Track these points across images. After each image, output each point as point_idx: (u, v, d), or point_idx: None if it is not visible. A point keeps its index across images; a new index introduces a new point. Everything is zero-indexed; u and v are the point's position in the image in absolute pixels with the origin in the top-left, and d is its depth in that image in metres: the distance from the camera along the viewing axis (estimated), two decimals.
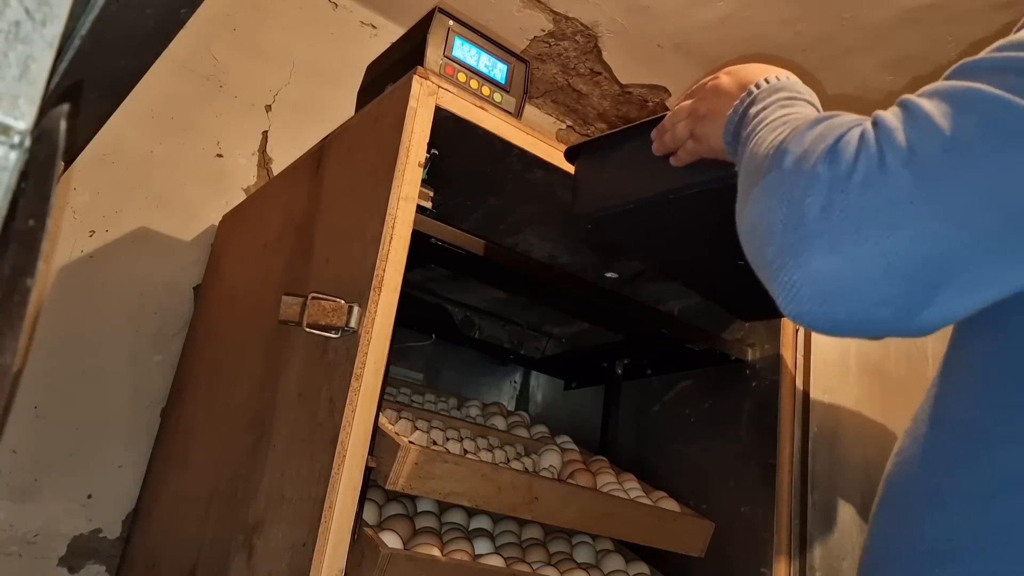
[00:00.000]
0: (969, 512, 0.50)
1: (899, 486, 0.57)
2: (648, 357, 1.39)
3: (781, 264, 0.46)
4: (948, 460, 0.53)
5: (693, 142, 0.74)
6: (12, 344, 0.30)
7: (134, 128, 1.48)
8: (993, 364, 0.52)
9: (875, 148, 0.44)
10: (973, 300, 0.45)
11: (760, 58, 1.74)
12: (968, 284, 0.43)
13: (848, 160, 0.45)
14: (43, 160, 0.32)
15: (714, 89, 0.70)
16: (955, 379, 0.56)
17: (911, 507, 0.54)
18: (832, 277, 0.44)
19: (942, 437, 0.54)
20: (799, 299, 0.45)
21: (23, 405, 1.31)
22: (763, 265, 0.48)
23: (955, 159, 0.42)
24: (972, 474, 0.51)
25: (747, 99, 0.62)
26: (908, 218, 0.42)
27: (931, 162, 0.42)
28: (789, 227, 0.45)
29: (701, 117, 0.71)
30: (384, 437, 0.89)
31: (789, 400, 1.15)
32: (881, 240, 0.42)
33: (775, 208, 0.47)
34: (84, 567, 1.32)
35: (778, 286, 0.46)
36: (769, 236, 0.47)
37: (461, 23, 1.07)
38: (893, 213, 0.42)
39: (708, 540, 1.11)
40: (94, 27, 0.57)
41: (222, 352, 1.23)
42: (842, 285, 0.44)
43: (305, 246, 1.02)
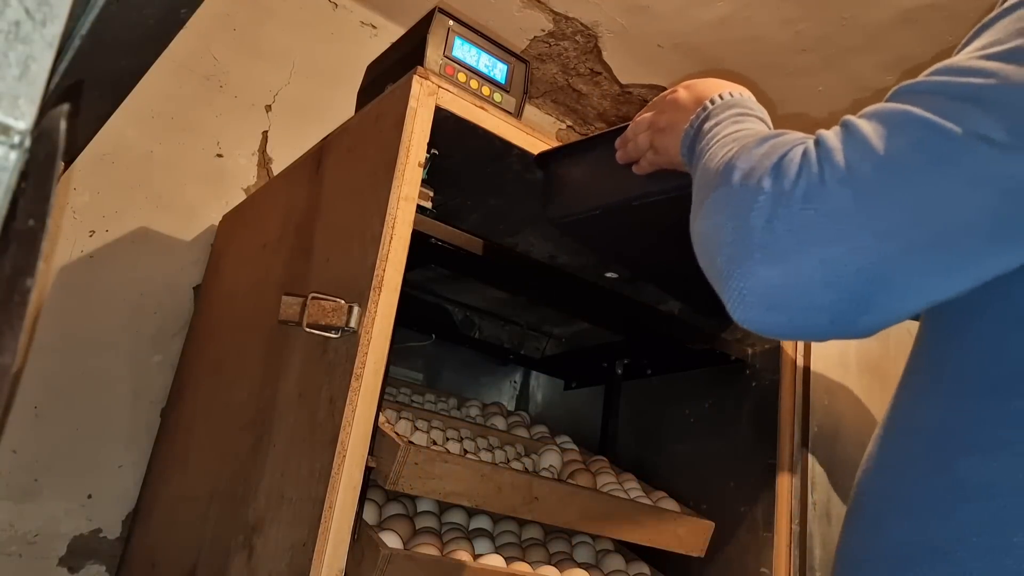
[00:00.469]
0: (933, 517, 0.52)
1: (867, 492, 0.59)
2: (648, 357, 1.39)
3: (730, 272, 0.49)
4: (913, 466, 0.55)
5: (653, 153, 0.78)
6: (12, 344, 0.30)
7: (134, 128, 1.48)
8: (954, 372, 0.55)
9: (816, 166, 0.48)
10: (906, 308, 0.48)
11: (760, 57, 1.74)
12: (900, 293, 0.46)
13: (791, 177, 0.48)
14: (43, 160, 0.32)
15: (672, 103, 0.74)
16: (919, 386, 0.58)
17: (879, 512, 0.56)
18: (776, 285, 0.47)
19: (907, 443, 0.56)
20: (746, 305, 0.49)
21: (23, 405, 1.31)
22: (713, 273, 0.52)
23: (887, 178, 0.45)
24: (936, 480, 0.53)
25: (702, 114, 0.66)
26: (844, 232, 0.45)
27: (865, 180, 0.46)
28: (737, 239, 0.49)
29: (660, 130, 0.75)
30: (384, 437, 0.89)
31: (789, 400, 1.15)
32: (820, 252, 0.46)
33: (724, 221, 0.50)
34: (84, 567, 1.32)
35: (727, 293, 0.50)
36: (719, 246, 0.50)
37: (461, 23, 1.07)
38: (830, 227, 0.46)
39: (708, 540, 1.11)
40: (94, 27, 0.57)
41: (222, 352, 1.23)
42: (785, 293, 0.47)
43: (305, 246, 1.02)
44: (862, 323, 0.48)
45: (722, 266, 0.50)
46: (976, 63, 0.47)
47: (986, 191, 0.44)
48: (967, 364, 0.54)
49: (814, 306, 0.47)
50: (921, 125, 0.46)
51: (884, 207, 0.45)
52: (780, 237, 0.47)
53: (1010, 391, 0.51)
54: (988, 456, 0.51)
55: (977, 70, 0.47)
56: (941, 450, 0.53)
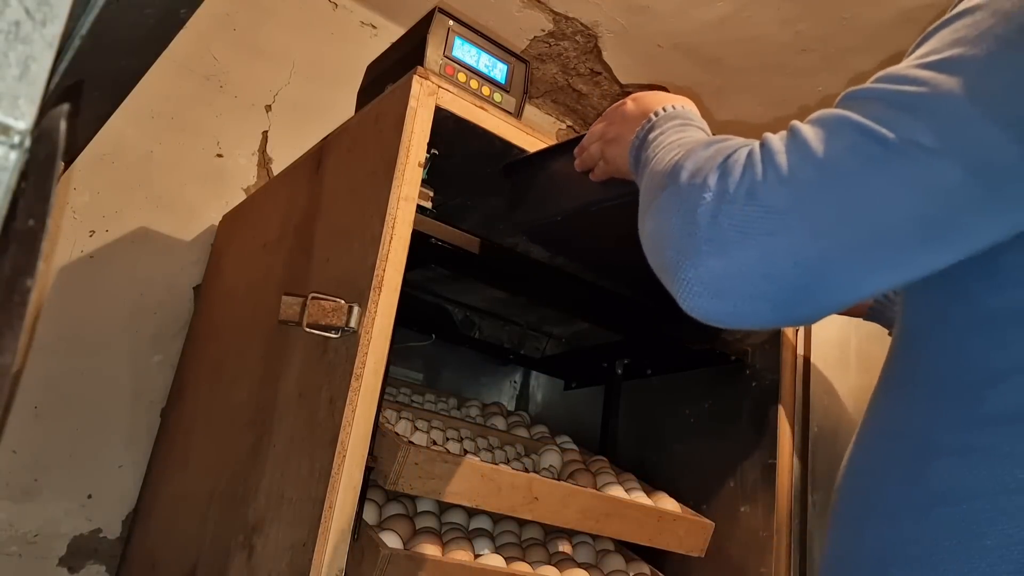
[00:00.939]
0: (908, 521, 0.54)
1: (846, 497, 0.61)
2: (648, 357, 1.39)
3: (679, 264, 0.53)
4: (888, 471, 0.57)
5: (604, 162, 0.83)
6: (12, 344, 0.30)
7: (134, 128, 1.48)
8: (922, 378, 0.57)
9: (759, 166, 0.51)
10: (842, 299, 0.51)
11: (760, 57, 1.74)
12: (834, 286, 0.49)
13: (735, 176, 0.52)
14: (43, 160, 0.32)
15: (621, 115, 0.78)
16: (891, 392, 0.60)
17: (857, 517, 0.58)
18: (721, 276, 0.51)
19: (882, 449, 0.58)
20: (693, 294, 0.52)
21: (23, 405, 1.31)
22: (663, 266, 0.55)
23: (823, 179, 0.49)
24: (910, 485, 0.54)
25: (647, 125, 0.70)
26: (782, 228, 0.49)
27: (803, 180, 0.49)
28: (684, 233, 0.52)
29: (609, 140, 0.80)
30: (384, 437, 0.89)
31: (789, 400, 1.15)
32: (760, 245, 0.49)
33: (672, 217, 0.54)
34: (84, 567, 1.32)
35: (676, 283, 0.53)
36: (668, 241, 0.54)
37: (461, 23, 1.07)
38: (771, 223, 0.49)
39: (708, 540, 1.11)
40: (94, 27, 0.57)
41: (222, 352, 1.23)
42: (729, 283, 0.50)
43: (305, 246, 1.02)
44: (801, 312, 0.51)
45: (671, 258, 0.53)
46: (912, 72, 0.50)
47: (913, 194, 0.47)
48: (934, 369, 0.56)
49: (755, 295, 0.50)
50: (857, 130, 0.49)
51: (819, 205, 0.48)
52: (724, 231, 0.50)
53: (976, 394, 0.53)
54: (959, 459, 0.52)
55: (912, 78, 0.50)
56: (914, 455, 0.55)
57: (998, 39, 0.49)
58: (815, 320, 0.53)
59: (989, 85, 0.48)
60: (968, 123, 0.47)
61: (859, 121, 0.49)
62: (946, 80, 0.48)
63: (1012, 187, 0.48)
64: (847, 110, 0.51)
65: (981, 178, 0.47)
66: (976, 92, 0.47)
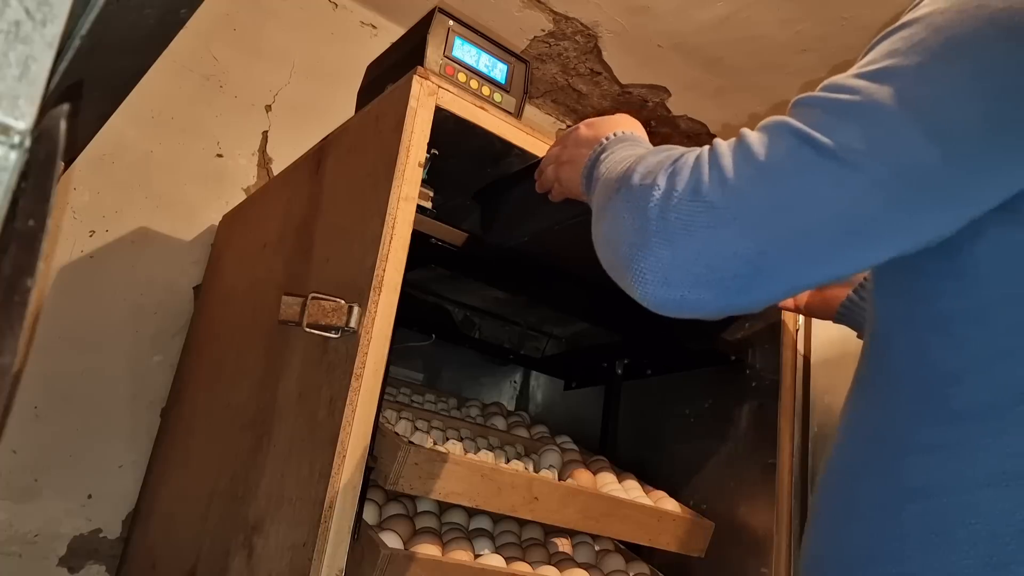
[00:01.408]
0: (882, 519, 0.56)
1: (823, 497, 0.63)
2: (648, 357, 1.39)
3: (632, 256, 0.56)
4: (862, 471, 0.59)
5: (559, 184, 0.86)
6: (12, 344, 0.30)
7: (134, 128, 1.48)
8: (889, 379, 0.59)
9: (706, 166, 0.55)
10: (778, 289, 0.55)
11: (760, 57, 1.74)
12: (770, 277, 0.53)
13: (684, 175, 0.56)
14: (43, 160, 0.32)
15: (575, 139, 0.82)
16: (863, 395, 0.63)
17: (834, 517, 0.60)
18: (669, 265, 0.54)
19: (856, 449, 0.61)
20: (645, 283, 0.56)
21: (23, 405, 1.31)
22: (616, 262, 0.59)
23: (761, 179, 0.53)
24: (884, 483, 0.57)
25: (598, 149, 0.74)
26: (722, 222, 0.53)
27: (743, 180, 0.53)
28: (636, 228, 0.56)
29: (563, 163, 0.83)
30: (384, 437, 0.89)
31: (789, 400, 1.15)
32: (703, 237, 0.53)
33: (626, 216, 0.58)
34: (84, 567, 1.32)
35: (630, 273, 0.57)
36: (621, 236, 0.58)
37: (461, 23, 1.07)
38: (712, 218, 0.53)
39: (708, 540, 1.11)
40: (94, 27, 0.56)
41: (222, 352, 1.23)
42: (676, 272, 0.54)
43: (305, 246, 1.02)
44: (741, 300, 0.54)
45: (625, 252, 0.57)
46: (850, 81, 0.54)
47: (841, 194, 0.51)
48: (900, 369, 0.59)
49: (699, 283, 0.54)
50: (795, 136, 0.53)
51: (756, 203, 0.52)
52: (672, 224, 0.54)
53: (940, 392, 0.55)
54: (928, 457, 0.54)
55: (848, 87, 0.54)
56: (886, 454, 0.57)
57: (928, 51, 0.52)
58: (756, 308, 0.56)
59: (916, 94, 0.51)
60: (895, 129, 0.51)
61: (797, 127, 0.53)
62: (878, 89, 0.52)
63: (934, 190, 0.51)
64: (792, 116, 0.55)
65: (904, 180, 0.50)
66: (904, 100, 0.51)
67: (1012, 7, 0.51)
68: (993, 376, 0.53)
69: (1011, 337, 0.53)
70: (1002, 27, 0.51)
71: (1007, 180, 0.52)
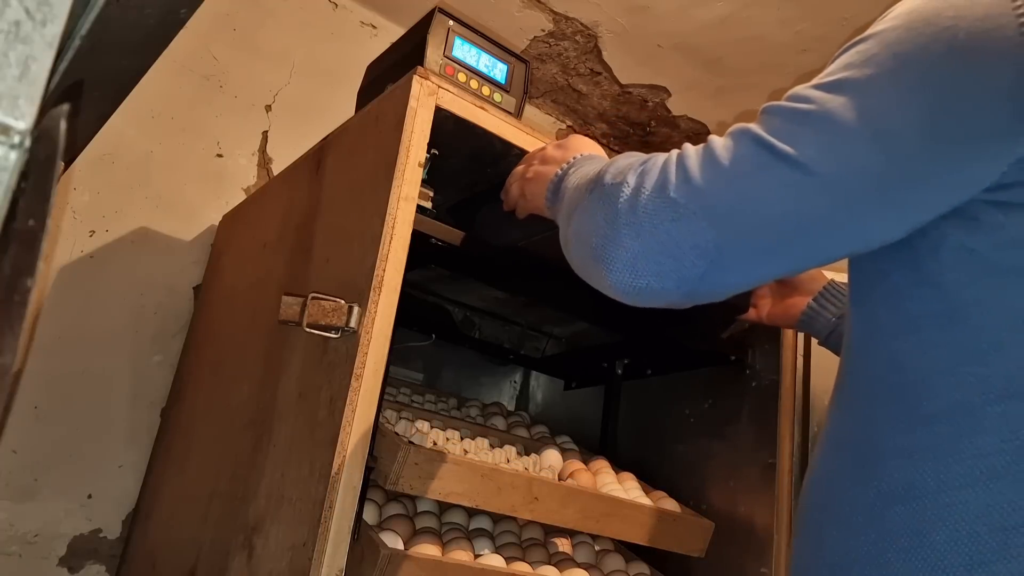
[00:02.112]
0: (864, 524, 0.57)
1: (807, 505, 0.64)
2: (648, 357, 1.39)
3: (603, 247, 0.60)
4: (843, 477, 0.60)
5: (524, 200, 0.89)
6: (12, 344, 0.30)
7: (134, 128, 1.48)
8: (865, 385, 0.61)
9: (673, 166, 0.59)
10: (734, 281, 0.59)
11: (760, 57, 1.74)
12: (726, 269, 0.57)
13: (652, 175, 0.60)
14: (43, 160, 0.32)
15: (541, 157, 0.87)
16: (842, 402, 0.64)
17: (817, 524, 0.62)
18: (637, 255, 0.58)
19: (836, 457, 0.62)
20: (615, 271, 0.59)
21: (23, 405, 1.31)
22: (587, 252, 0.62)
23: (721, 179, 0.57)
24: (864, 489, 0.58)
25: (567, 166, 0.78)
26: (685, 218, 0.57)
27: (705, 180, 0.57)
28: (607, 221, 0.60)
29: (528, 179, 0.87)
30: (384, 437, 0.89)
31: (789, 400, 1.15)
32: (666, 230, 0.57)
33: (598, 210, 0.62)
34: (84, 567, 1.32)
35: (600, 263, 0.61)
36: (593, 230, 0.62)
37: (461, 23, 1.07)
38: (676, 214, 0.57)
39: (708, 540, 1.11)
40: (94, 27, 0.56)
41: (222, 352, 1.23)
42: (643, 262, 0.58)
43: (305, 246, 1.02)
44: (700, 289, 0.59)
45: (596, 243, 0.61)
46: (808, 91, 0.58)
47: (792, 195, 0.55)
48: (873, 375, 0.61)
49: (663, 273, 0.58)
50: (754, 141, 0.57)
51: (715, 201, 0.57)
52: (640, 218, 0.58)
53: (911, 396, 0.57)
54: (904, 461, 0.56)
55: (806, 97, 0.58)
56: (865, 460, 0.59)
57: (878, 65, 0.56)
58: (717, 298, 0.60)
59: (864, 104, 0.55)
60: (844, 137, 0.55)
61: (758, 133, 0.57)
62: (831, 99, 0.56)
63: (878, 194, 0.55)
64: (756, 123, 0.59)
65: (851, 184, 0.55)
66: (853, 110, 0.55)
67: (957, 25, 0.54)
68: (961, 378, 0.55)
69: (977, 340, 0.55)
70: (945, 43, 0.54)
71: (948, 187, 0.55)
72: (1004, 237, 0.55)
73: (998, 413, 0.53)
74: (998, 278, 0.55)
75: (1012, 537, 0.51)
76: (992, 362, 0.54)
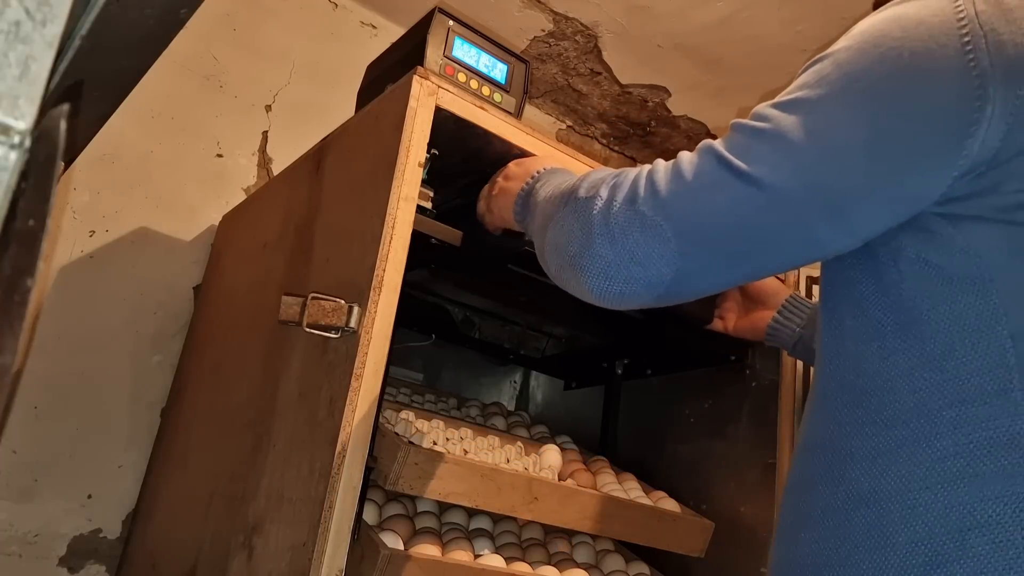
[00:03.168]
0: (832, 526, 0.59)
1: (784, 509, 0.66)
2: (648, 357, 1.39)
3: (580, 254, 0.65)
4: (815, 480, 0.62)
5: (490, 214, 0.94)
6: (12, 344, 0.30)
7: (134, 128, 1.48)
8: (834, 389, 0.64)
9: (643, 181, 0.64)
10: (696, 286, 0.63)
11: (760, 57, 1.74)
12: (687, 276, 0.62)
13: (623, 188, 0.64)
14: (43, 160, 0.32)
15: (505, 175, 0.92)
16: (816, 405, 0.67)
17: (792, 527, 0.64)
18: (610, 263, 0.63)
19: (809, 460, 0.64)
20: (590, 276, 0.64)
21: (23, 405, 1.31)
22: (564, 260, 0.67)
23: (684, 194, 0.62)
24: (835, 491, 0.60)
25: (532, 182, 0.84)
26: (651, 228, 0.61)
27: (671, 195, 0.62)
28: (583, 231, 0.65)
29: (494, 196, 0.92)
30: (384, 437, 0.89)
31: (789, 400, 1.15)
32: (635, 239, 0.62)
33: (573, 224, 0.67)
34: (84, 567, 1.32)
35: (575, 269, 0.65)
36: (570, 239, 0.66)
37: (461, 23, 1.07)
38: (643, 225, 0.62)
39: (708, 540, 1.11)
40: (94, 27, 0.56)
41: (222, 352, 1.23)
42: (615, 268, 0.63)
43: (305, 246, 1.02)
44: (669, 295, 0.63)
45: (574, 251, 0.66)
46: (767, 110, 0.62)
47: (746, 209, 0.59)
48: (842, 381, 0.63)
49: (632, 279, 0.62)
50: (715, 158, 0.61)
51: (679, 215, 0.61)
52: (612, 227, 0.63)
53: (876, 400, 0.59)
54: (869, 464, 0.58)
55: (765, 115, 0.61)
56: (833, 463, 0.61)
57: (829, 84, 0.59)
58: (684, 300, 0.65)
59: (814, 123, 0.59)
60: (794, 154, 0.58)
61: (719, 151, 0.61)
62: (785, 118, 0.60)
63: (824, 208, 0.58)
64: (721, 139, 0.63)
65: (799, 199, 0.58)
66: (803, 129, 0.59)
67: (902, 46, 0.58)
68: (919, 384, 0.57)
69: (932, 346, 0.57)
70: (891, 63, 0.58)
71: (892, 201, 0.58)
72: (954, 248, 0.57)
73: (951, 418, 0.55)
74: (949, 287, 0.57)
75: (969, 538, 0.52)
76: (945, 368, 0.56)
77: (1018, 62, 0.55)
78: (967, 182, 0.56)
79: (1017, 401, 0.54)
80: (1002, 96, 0.55)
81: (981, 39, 0.55)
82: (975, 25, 0.56)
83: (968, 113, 0.55)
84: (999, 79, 0.55)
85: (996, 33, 0.55)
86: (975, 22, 0.56)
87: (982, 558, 0.52)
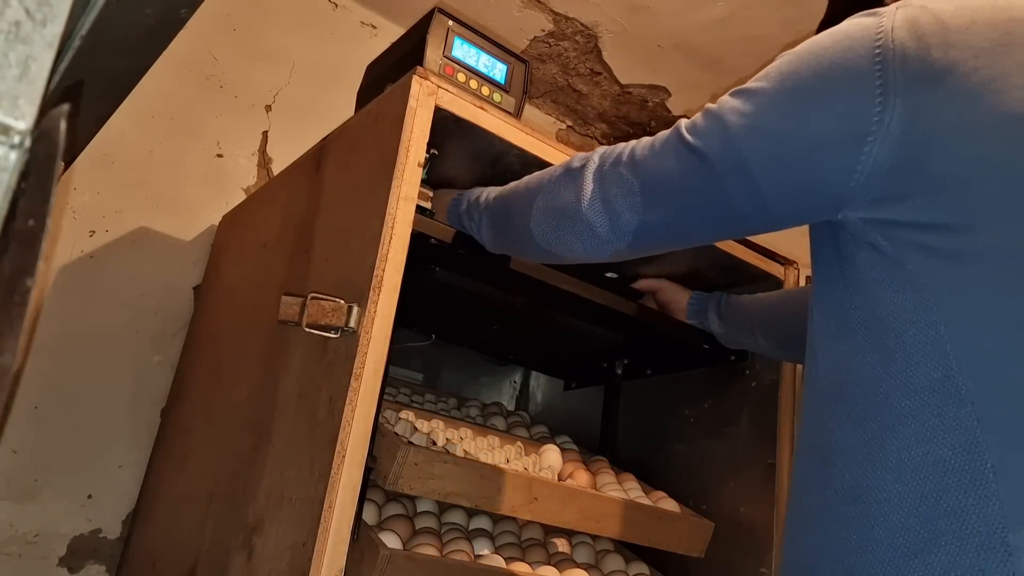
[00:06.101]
0: (825, 524, 0.61)
1: (787, 509, 0.69)
2: (648, 357, 1.39)
3: (576, 210, 0.77)
4: (807, 479, 0.65)
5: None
6: (12, 344, 0.30)
7: (134, 128, 1.48)
8: (819, 388, 0.66)
9: (626, 156, 0.75)
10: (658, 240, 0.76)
11: (760, 57, 1.74)
12: (647, 225, 0.73)
13: (612, 155, 0.77)
14: (43, 160, 0.32)
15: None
16: (806, 405, 0.69)
17: (792, 527, 0.66)
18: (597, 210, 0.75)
19: (802, 460, 0.67)
20: (581, 222, 0.76)
21: (23, 405, 1.31)
22: (558, 223, 0.79)
23: (650, 158, 0.73)
24: (823, 489, 0.62)
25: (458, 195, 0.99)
26: (625, 182, 0.74)
27: (640, 158, 0.74)
28: (576, 196, 0.77)
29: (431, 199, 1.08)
30: (384, 437, 0.89)
31: (789, 400, 1.15)
32: (615, 194, 0.74)
33: (570, 181, 0.79)
34: (84, 567, 1.32)
35: (567, 226, 0.78)
36: (565, 199, 0.78)
37: (461, 23, 1.07)
38: (620, 179, 0.74)
39: (708, 540, 1.11)
40: (94, 27, 0.57)
41: (222, 352, 1.23)
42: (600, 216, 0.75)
43: (305, 246, 1.02)
44: (636, 244, 0.75)
45: (570, 206, 0.77)
46: (725, 97, 0.71)
47: (693, 181, 0.70)
48: (823, 378, 0.66)
49: (610, 225, 0.75)
50: (676, 132, 0.72)
51: (647, 179, 0.73)
52: (594, 193, 0.76)
53: (851, 398, 0.61)
54: (849, 460, 0.60)
55: (723, 101, 0.71)
56: (821, 461, 0.63)
57: (770, 80, 0.69)
58: (653, 251, 0.78)
59: (750, 110, 0.68)
60: (731, 136, 0.67)
61: (680, 127, 0.72)
62: (732, 103, 0.69)
63: (752, 183, 0.66)
64: (690, 121, 0.72)
65: (732, 174, 0.67)
66: (741, 114, 0.68)
67: (826, 53, 0.65)
68: (882, 376, 0.60)
69: (889, 340, 0.60)
70: (815, 66, 0.66)
71: (798, 186, 0.65)
72: (886, 250, 0.62)
73: (910, 407, 0.57)
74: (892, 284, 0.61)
75: (940, 525, 0.54)
76: (898, 359, 0.59)
77: (919, 75, 0.60)
78: (879, 185, 0.61)
79: (959, 386, 0.56)
80: (902, 104, 0.60)
81: (891, 52, 0.61)
82: (888, 40, 0.62)
83: (869, 116, 0.61)
84: (900, 89, 0.60)
85: (904, 48, 0.61)
86: (888, 37, 0.62)
87: (952, 545, 0.53)
